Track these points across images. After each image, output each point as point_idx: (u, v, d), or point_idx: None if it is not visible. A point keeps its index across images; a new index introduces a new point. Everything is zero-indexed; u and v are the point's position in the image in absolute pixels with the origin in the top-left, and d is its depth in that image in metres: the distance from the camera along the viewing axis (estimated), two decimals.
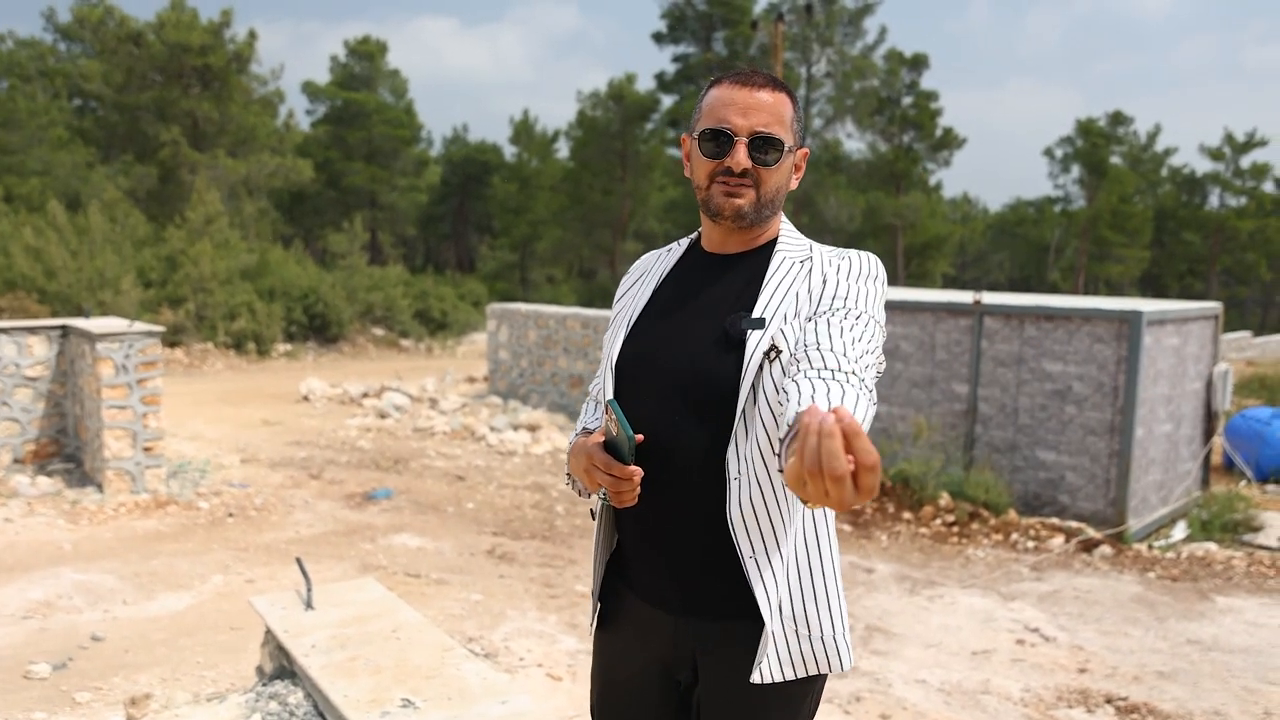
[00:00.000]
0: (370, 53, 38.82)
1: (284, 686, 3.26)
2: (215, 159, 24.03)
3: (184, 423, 10.81)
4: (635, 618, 1.75)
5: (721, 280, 1.69)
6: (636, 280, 1.83)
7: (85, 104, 29.62)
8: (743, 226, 1.66)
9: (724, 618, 1.65)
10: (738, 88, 1.62)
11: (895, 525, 7.72)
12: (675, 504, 1.63)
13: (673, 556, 1.66)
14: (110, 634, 4.85)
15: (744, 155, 1.59)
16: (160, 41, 23.78)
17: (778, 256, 1.67)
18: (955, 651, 5.25)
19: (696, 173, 1.67)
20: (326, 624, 3.48)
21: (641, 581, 1.73)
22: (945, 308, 8.98)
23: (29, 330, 8.17)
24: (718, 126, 1.61)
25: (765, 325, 1.56)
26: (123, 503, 7.17)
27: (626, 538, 1.76)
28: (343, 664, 3.14)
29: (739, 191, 1.61)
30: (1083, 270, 44.93)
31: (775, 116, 1.61)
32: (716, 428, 1.58)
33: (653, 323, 1.71)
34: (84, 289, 17.88)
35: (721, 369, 1.57)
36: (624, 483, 1.54)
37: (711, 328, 1.62)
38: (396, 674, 3.06)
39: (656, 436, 1.60)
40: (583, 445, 1.64)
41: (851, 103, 36.00)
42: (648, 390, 1.65)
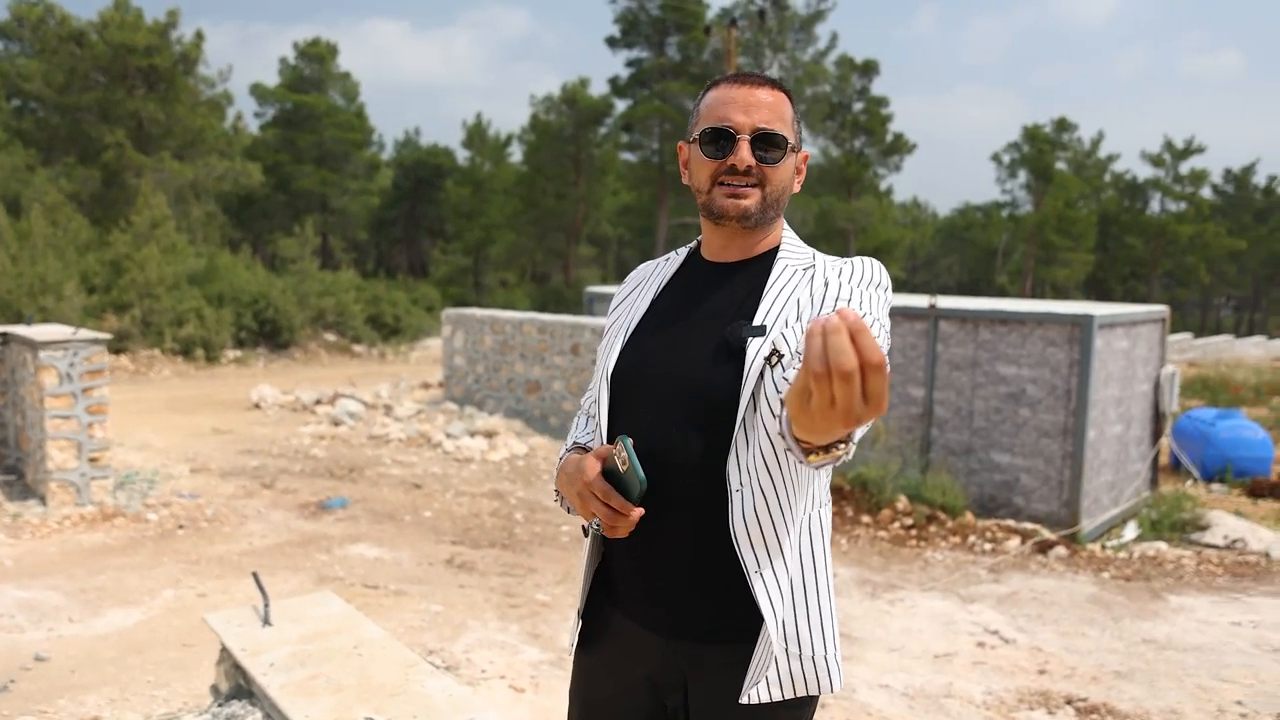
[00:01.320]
0: (320, 55, 38.32)
1: (241, 707, 3.16)
2: (161, 162, 23.52)
3: (131, 432, 10.54)
4: (621, 637, 1.70)
5: (722, 289, 1.64)
6: (634, 289, 1.78)
7: (24, 105, 28.83)
8: (747, 228, 1.62)
9: (716, 640, 1.60)
10: (737, 86, 1.59)
11: (854, 529, 7.75)
12: (670, 521, 1.58)
13: (665, 576, 1.61)
14: (55, 654, 4.69)
15: (747, 152, 1.56)
16: (103, 41, 23.22)
17: (779, 264, 1.62)
18: (918, 655, 5.27)
19: (697, 176, 1.63)
20: (285, 641, 3.38)
21: (630, 600, 1.67)
22: (900, 311, 9.05)
23: None
24: (719, 125, 1.57)
25: (766, 333, 1.52)
26: (67, 515, 6.96)
27: (615, 554, 1.70)
28: (303, 683, 3.05)
29: (743, 192, 1.58)
30: (1030, 274, 45.75)
31: (777, 114, 1.59)
32: (715, 440, 1.54)
33: (650, 333, 1.66)
34: (25, 295, 17.38)
35: (721, 378, 1.53)
36: (621, 518, 1.49)
37: (711, 338, 1.58)
38: (359, 692, 2.98)
39: (653, 450, 1.55)
40: (578, 467, 1.57)
41: (804, 108, 36.23)
42: (644, 402, 1.61)
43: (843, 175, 38.69)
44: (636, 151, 37.32)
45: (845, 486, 8.30)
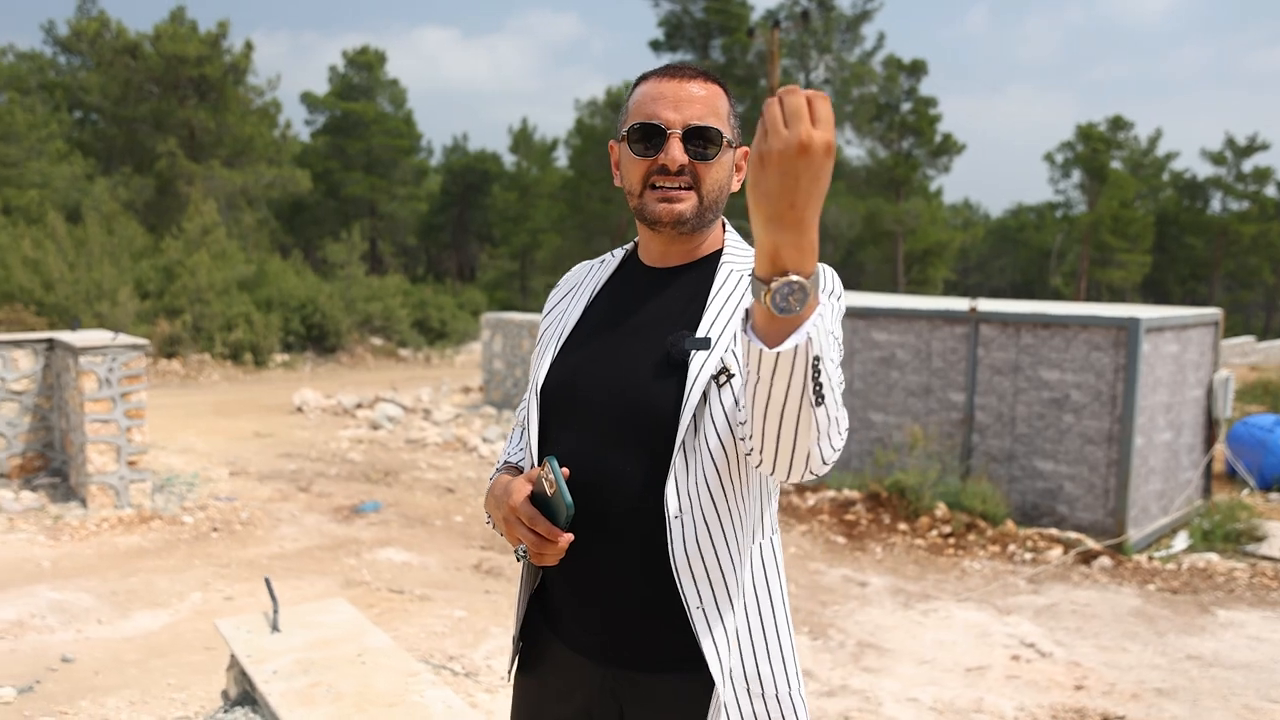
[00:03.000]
0: (369, 63, 38.84)
1: (244, 714, 3.15)
2: (211, 170, 23.99)
3: (176, 435, 10.72)
4: (560, 664, 1.59)
5: (661, 296, 1.53)
6: (566, 295, 1.66)
7: (85, 116, 29.62)
8: (684, 233, 1.50)
9: (657, 670, 1.50)
10: (667, 79, 1.48)
11: (890, 537, 7.60)
12: (606, 545, 1.47)
13: (602, 604, 1.51)
14: (81, 655, 4.75)
15: (679, 150, 1.44)
16: (157, 53, 23.76)
17: (723, 269, 1.51)
18: (949, 668, 5.13)
19: (628, 178, 1.50)
20: (291, 648, 3.37)
21: (568, 627, 1.57)
22: (941, 315, 8.87)
23: (14, 344, 8.08)
24: (647, 121, 1.45)
25: (711, 346, 1.41)
26: (105, 518, 7.07)
27: (552, 579, 1.59)
28: (303, 691, 3.03)
29: (677, 195, 1.45)
30: (1085, 276, 44.80)
31: (710, 108, 1.47)
32: (654, 461, 1.43)
33: (584, 344, 1.55)
34: (81, 301, 17.83)
35: (661, 394, 1.42)
36: (549, 544, 1.40)
37: (649, 349, 1.47)
38: (358, 701, 2.95)
39: (586, 470, 1.45)
40: (506, 489, 1.48)
41: (850, 109, 35.93)
42: (577, 418, 1.50)
43: (890, 177, 38.25)
44: None
45: (882, 493, 8.15)
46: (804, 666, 5.08)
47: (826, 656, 5.24)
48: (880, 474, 8.51)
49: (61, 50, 29.80)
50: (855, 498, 8.23)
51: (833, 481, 8.75)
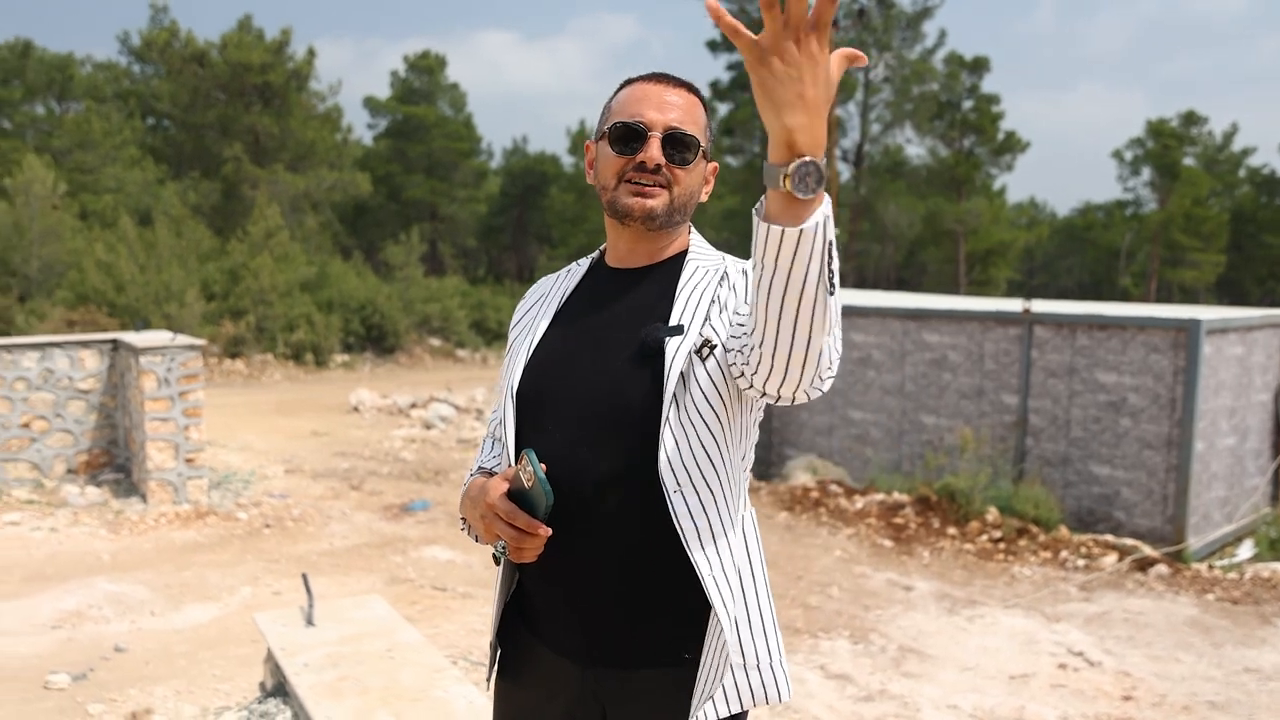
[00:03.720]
0: (430, 67, 39.37)
1: (275, 705, 3.22)
2: (275, 174, 24.55)
3: (236, 433, 10.99)
4: (541, 667, 1.61)
5: (630, 295, 1.56)
6: (535, 304, 1.69)
7: (157, 123, 30.52)
8: (653, 230, 1.53)
9: (638, 666, 1.52)
10: (652, 84, 1.53)
11: (939, 541, 7.48)
12: (588, 540, 1.49)
13: (585, 599, 1.52)
14: (134, 645, 4.90)
15: (658, 150, 1.48)
16: (224, 61, 24.40)
17: (690, 265, 1.56)
18: (992, 675, 5.04)
19: (603, 173, 1.54)
20: (323, 642, 3.44)
21: (548, 628, 1.58)
22: (994, 317, 8.72)
23: (81, 344, 8.36)
24: (630, 121, 1.49)
25: (684, 331, 1.45)
26: (164, 513, 7.28)
27: (531, 579, 1.60)
28: (332, 684, 3.09)
29: (650, 192, 1.49)
30: (1155, 276, 43.58)
31: (690, 116, 1.52)
32: (634, 454, 1.45)
33: (557, 346, 1.58)
34: (151, 302, 18.36)
35: (638, 386, 1.46)
36: (528, 538, 1.41)
37: (624, 345, 1.50)
38: (383, 695, 3.00)
39: (566, 468, 1.47)
40: (482, 489, 1.49)
41: (910, 107, 35.45)
42: (554, 419, 1.52)
43: (951, 176, 37.64)
44: (738, 155, 37.12)
45: (932, 496, 8.03)
46: (843, 670, 5.03)
47: (866, 661, 5.19)
48: (930, 477, 8.39)
49: (135, 60, 30.76)
50: (904, 501, 8.13)
51: (881, 484, 8.65)
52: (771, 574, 6.75)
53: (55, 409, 8.16)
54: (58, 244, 19.62)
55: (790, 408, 10.59)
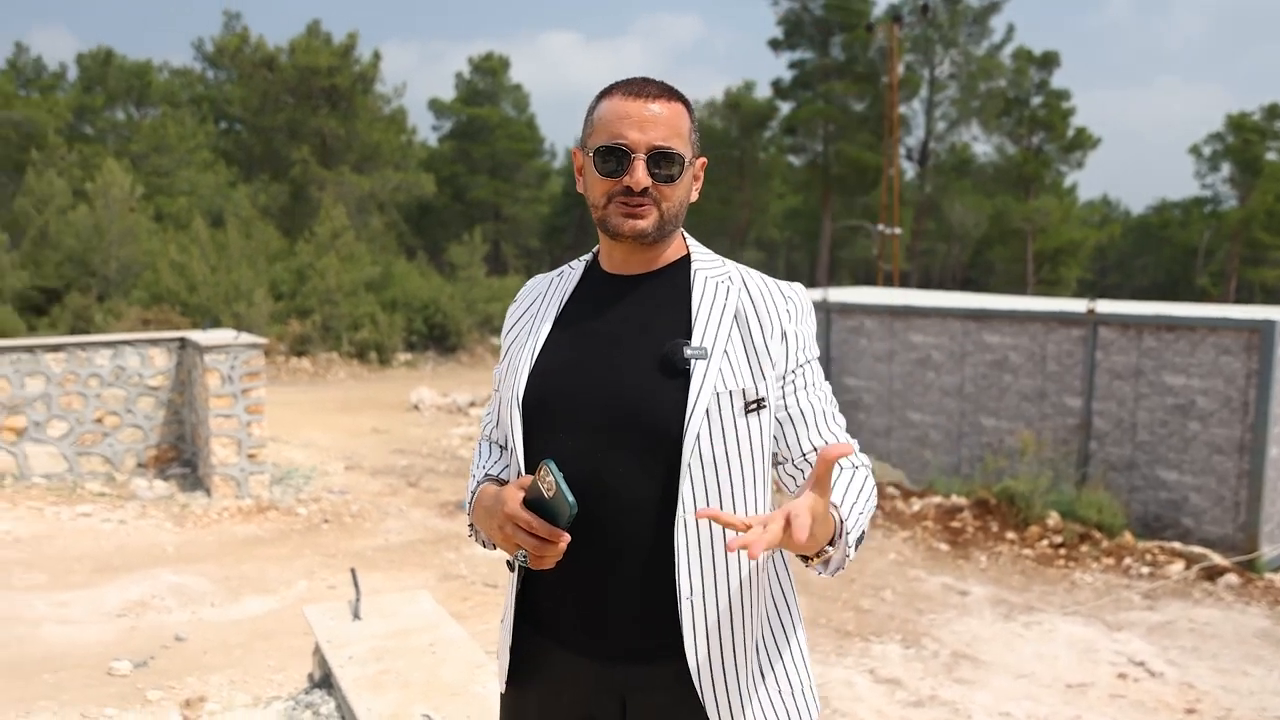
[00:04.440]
0: (493, 69, 39.80)
1: (320, 696, 3.28)
2: (342, 175, 25.02)
3: (299, 430, 11.22)
4: (554, 667, 1.60)
5: (636, 301, 1.57)
6: (530, 309, 1.68)
7: (229, 127, 31.34)
8: (645, 244, 1.55)
9: (652, 659, 1.53)
10: (631, 100, 1.51)
11: (997, 545, 7.34)
12: (605, 545, 1.50)
13: (604, 600, 1.53)
14: (193, 635, 5.03)
15: (643, 173, 1.48)
16: (292, 65, 24.95)
17: (698, 277, 1.57)
18: (1048, 683, 4.93)
19: (592, 191, 1.55)
20: (368, 636, 3.49)
21: (565, 632, 1.58)
22: (1056, 317, 8.52)
23: (151, 342, 8.62)
24: (613, 144, 1.49)
25: (707, 355, 1.48)
26: (226, 507, 7.47)
27: (544, 584, 1.60)
28: (374, 677, 3.14)
29: (640, 212, 1.50)
30: (1234, 275, 42.16)
31: (673, 129, 1.51)
32: (653, 461, 1.47)
33: (563, 353, 1.57)
34: (221, 302, 18.85)
35: (662, 400, 1.47)
36: (550, 546, 1.42)
37: (639, 355, 1.51)
38: (424, 689, 3.04)
39: (581, 473, 1.46)
40: (497, 499, 1.49)
41: (977, 104, 34.83)
42: (565, 425, 1.52)
43: (1019, 173, 36.88)
44: (800, 154, 36.85)
45: (990, 500, 7.87)
46: (893, 674, 4.96)
47: (918, 665, 5.11)
48: (989, 480, 8.23)
49: (209, 65, 31.63)
50: (962, 504, 7.98)
51: (940, 487, 8.51)
52: (823, 576, 6.70)
53: (126, 405, 8.43)
54: (134, 245, 20.25)
55: (849, 409, 10.47)
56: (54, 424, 8.15)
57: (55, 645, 4.86)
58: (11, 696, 4.25)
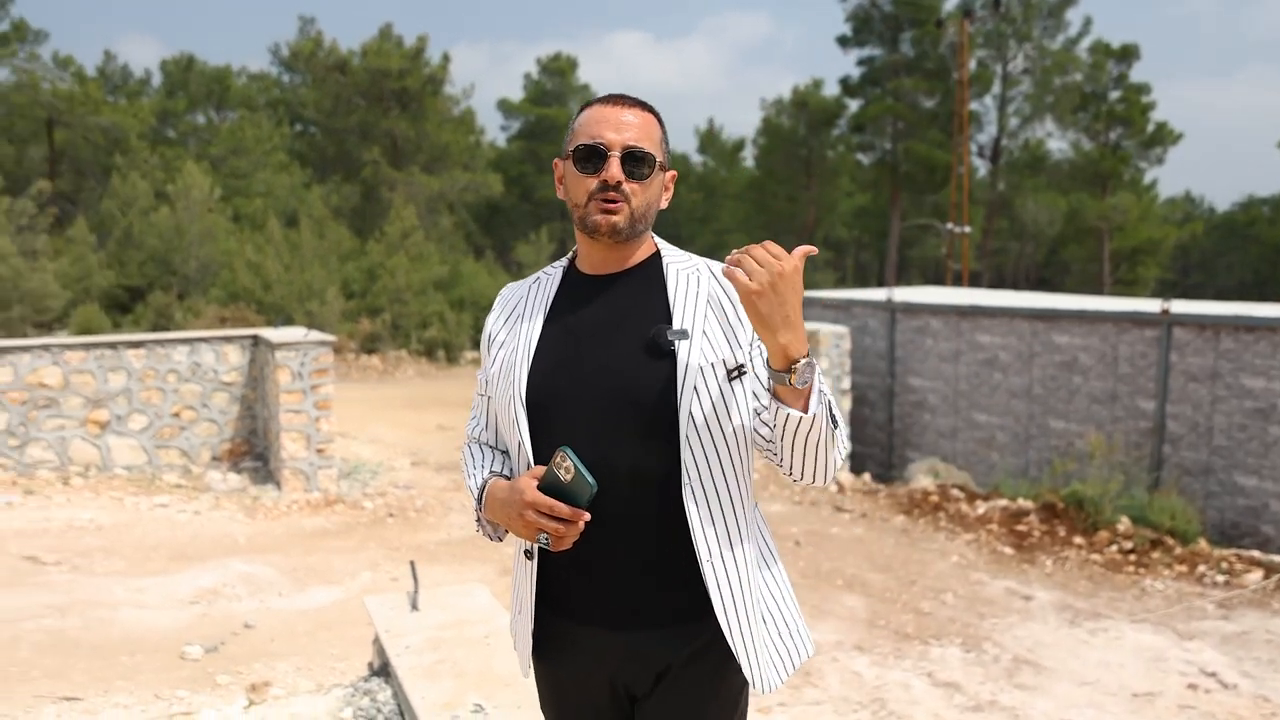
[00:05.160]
0: (561, 69, 40.10)
1: (378, 683, 3.37)
2: (411, 176, 25.46)
3: (367, 426, 11.46)
4: (576, 643, 1.72)
5: (617, 297, 1.72)
6: (513, 314, 1.80)
7: (303, 129, 32.10)
8: (619, 241, 1.69)
9: (674, 622, 1.67)
10: (608, 107, 1.68)
11: (1064, 550, 7.18)
12: (618, 522, 1.62)
13: (623, 574, 1.66)
14: (261, 623, 5.19)
15: (618, 168, 1.63)
16: (363, 68, 25.46)
17: (670, 269, 1.72)
18: (1113, 692, 4.81)
19: (573, 192, 1.69)
20: (426, 626, 3.57)
21: (582, 607, 1.70)
22: (1129, 317, 8.31)
23: (225, 339, 8.88)
24: (591, 142, 1.65)
25: (689, 335, 1.63)
26: (295, 500, 7.67)
27: (557, 567, 1.71)
28: (430, 666, 3.21)
29: (614, 208, 1.65)
30: None
31: (645, 134, 1.67)
32: (652, 438, 1.61)
33: (556, 350, 1.70)
34: (295, 300, 19.33)
35: (652, 380, 1.61)
36: (571, 527, 1.54)
37: (628, 343, 1.65)
38: (477, 679, 3.10)
39: (593, 456, 1.58)
40: (512, 490, 1.60)
41: (1051, 100, 34.01)
42: (568, 416, 1.65)
43: (1095, 170, 35.91)
44: (869, 152, 36.40)
45: (1058, 504, 7.71)
46: (952, 678, 4.90)
47: (978, 670, 5.03)
48: (1057, 483, 8.06)
49: (284, 69, 32.41)
50: (1028, 508, 7.83)
51: (1005, 489, 8.36)
52: (883, 578, 6.62)
53: (202, 400, 8.70)
54: (212, 245, 20.89)
55: (913, 410, 10.33)
56: (134, 417, 8.46)
57: (132, 628, 5.06)
58: (93, 675, 4.44)
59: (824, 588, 6.32)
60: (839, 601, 6.06)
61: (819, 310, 11.89)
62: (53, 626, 5.04)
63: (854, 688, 4.75)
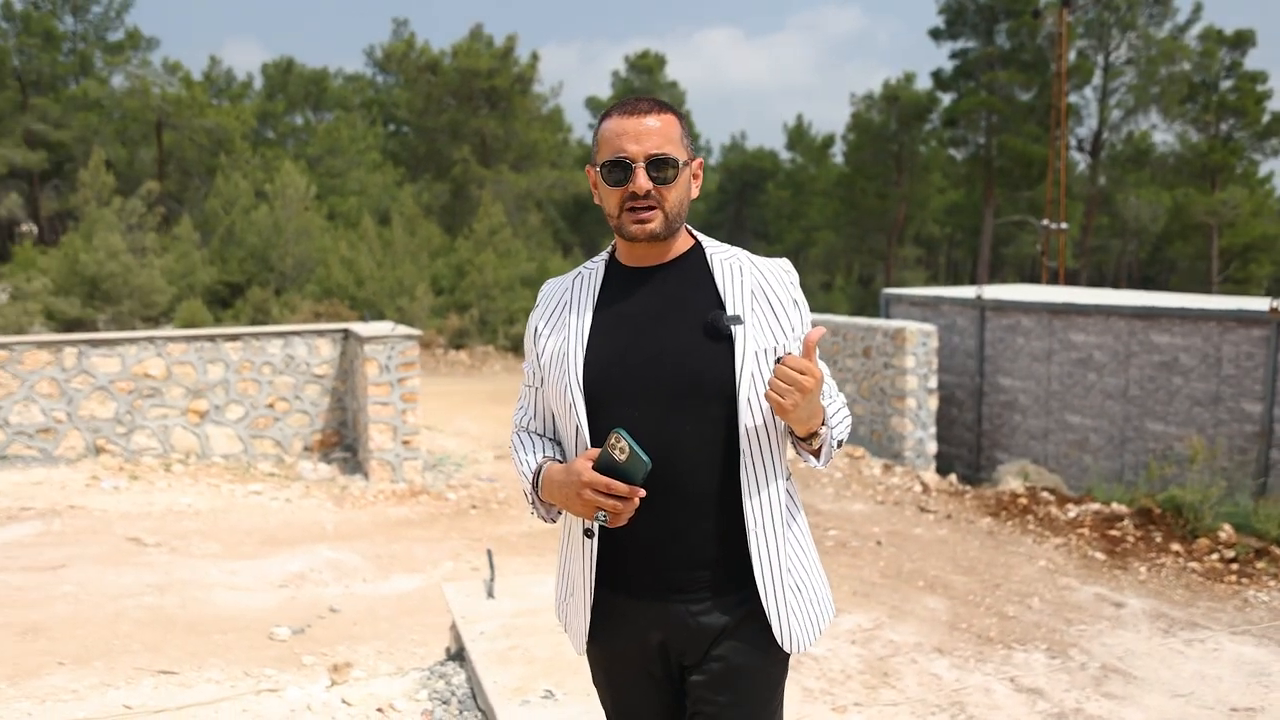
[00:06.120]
0: (649, 66, 40.18)
1: (453, 668, 3.43)
2: (500, 174, 25.84)
3: (453, 420, 11.69)
4: (631, 617, 1.80)
5: (664, 287, 1.80)
6: (559, 306, 1.87)
7: (397, 129, 32.84)
8: (658, 241, 1.78)
9: (725, 592, 1.76)
10: (626, 118, 1.75)
11: (1160, 557, 6.91)
12: (675, 499, 1.71)
13: (679, 544, 1.75)
14: (346, 607, 5.33)
15: (644, 179, 1.71)
16: (453, 68, 25.93)
17: (714, 260, 1.82)
18: (1209, 705, 4.61)
19: (607, 202, 1.77)
20: (500, 613, 3.62)
21: (638, 580, 1.78)
22: (1234, 316, 7.95)
23: (317, 333, 9.16)
24: (615, 157, 1.73)
25: (743, 320, 1.74)
26: (382, 490, 7.86)
27: (615, 547, 1.78)
28: (502, 652, 3.26)
29: (646, 216, 1.73)
30: None
31: (666, 137, 1.74)
32: (710, 417, 1.71)
33: (611, 338, 1.78)
34: (386, 296, 19.82)
35: (713, 362, 1.72)
36: (628, 503, 1.62)
37: (684, 329, 1.75)
38: (547, 666, 3.13)
39: (648, 436, 1.65)
40: (568, 472, 1.68)
41: (1157, 90, 32.71)
42: (626, 399, 1.73)
43: (1204, 163, 34.43)
44: (962, 147, 35.58)
45: (1155, 509, 7.42)
46: (1035, 685, 4.76)
47: (1063, 677, 4.88)
48: (1154, 488, 7.76)
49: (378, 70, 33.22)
50: (1123, 512, 7.56)
51: (1099, 494, 8.09)
52: (966, 580, 6.47)
53: (295, 391, 8.99)
54: (308, 243, 21.54)
55: (1003, 410, 10.08)
56: (231, 408, 8.79)
57: (225, 609, 5.26)
58: (188, 650, 4.63)
59: (905, 588, 6.21)
60: (920, 602, 5.94)
61: (905, 308, 11.67)
62: (152, 604, 5.27)
63: (932, 690, 4.66)
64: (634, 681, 1.87)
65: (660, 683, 1.85)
